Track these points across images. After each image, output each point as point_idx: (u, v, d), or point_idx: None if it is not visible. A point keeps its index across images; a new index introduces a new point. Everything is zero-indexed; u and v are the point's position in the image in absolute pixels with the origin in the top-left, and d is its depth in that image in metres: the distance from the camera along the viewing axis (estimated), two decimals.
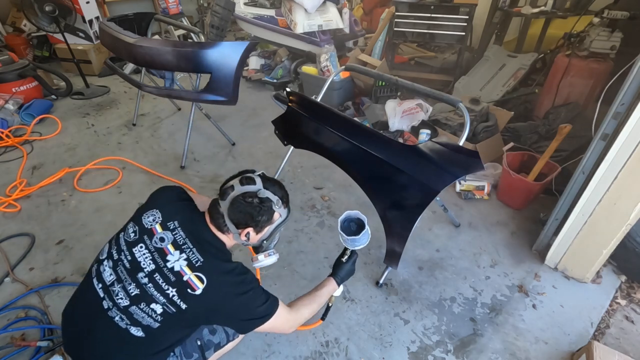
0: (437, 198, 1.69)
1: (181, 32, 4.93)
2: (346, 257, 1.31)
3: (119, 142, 3.07)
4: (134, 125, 3.33)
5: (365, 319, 1.66)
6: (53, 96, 3.69)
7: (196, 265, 0.98)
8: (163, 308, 0.96)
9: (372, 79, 3.34)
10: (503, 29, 3.79)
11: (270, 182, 1.13)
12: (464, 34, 3.41)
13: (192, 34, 3.13)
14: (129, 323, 0.97)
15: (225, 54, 2.15)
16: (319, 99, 2.20)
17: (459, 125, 2.63)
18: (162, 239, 1.01)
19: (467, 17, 3.31)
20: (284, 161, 2.41)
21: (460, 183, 2.42)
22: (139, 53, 2.22)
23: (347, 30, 3.84)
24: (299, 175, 2.64)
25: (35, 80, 3.50)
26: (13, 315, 1.65)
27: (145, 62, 2.33)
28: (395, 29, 3.61)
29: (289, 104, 1.97)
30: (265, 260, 1.20)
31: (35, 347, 1.49)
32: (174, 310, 0.96)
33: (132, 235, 1.04)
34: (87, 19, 4.19)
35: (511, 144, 2.42)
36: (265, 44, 4.48)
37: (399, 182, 1.55)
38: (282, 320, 1.10)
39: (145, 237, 1.02)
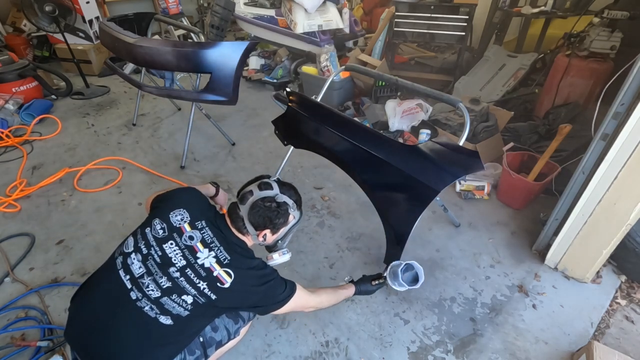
0: (437, 198, 1.69)
1: (181, 32, 4.93)
2: (377, 283, 1.45)
3: (119, 142, 3.07)
4: (134, 125, 3.33)
5: (365, 319, 1.66)
6: (53, 96, 3.69)
7: (224, 262, 1.07)
8: (194, 299, 1.04)
9: (372, 79, 3.34)
10: (503, 29, 3.79)
11: (286, 187, 1.22)
12: (464, 34, 3.41)
13: (192, 34, 3.13)
14: (158, 312, 1.03)
15: (225, 54, 2.15)
16: (319, 99, 2.20)
17: (459, 125, 2.63)
18: (191, 237, 1.08)
19: (467, 17, 3.31)
20: (284, 161, 2.41)
21: (460, 183, 2.42)
22: (139, 53, 2.22)
23: (347, 30, 3.84)
24: (299, 175, 2.65)
25: (35, 80, 3.50)
26: (13, 315, 1.65)
27: (145, 62, 2.33)
28: (395, 29, 3.61)
29: (289, 104, 1.97)
30: (279, 258, 1.32)
31: (35, 347, 1.49)
32: (204, 301, 1.04)
33: (161, 232, 1.09)
34: (87, 19, 4.19)
35: (511, 144, 2.42)
36: (265, 44, 4.48)
37: (399, 182, 1.55)
38: (302, 300, 1.22)
39: (175, 234, 1.09)
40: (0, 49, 4.11)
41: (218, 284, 1.04)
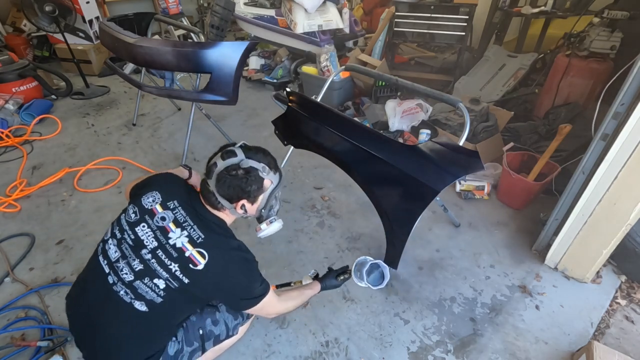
0: (437, 198, 1.68)
1: (181, 32, 4.93)
2: (342, 278, 1.42)
3: (119, 142, 3.07)
4: (134, 125, 3.33)
5: (365, 319, 1.66)
6: (53, 96, 3.69)
7: (197, 241, 1.00)
8: (166, 283, 0.99)
9: (372, 79, 3.34)
10: (503, 29, 3.79)
11: (252, 151, 1.11)
12: (464, 34, 3.41)
13: (192, 34, 3.13)
14: (133, 297, 1.00)
15: (225, 54, 2.15)
16: (319, 99, 2.20)
17: (459, 125, 2.63)
18: (163, 218, 1.04)
19: (467, 17, 3.31)
20: (284, 161, 2.41)
21: (460, 183, 2.42)
22: (139, 53, 2.22)
23: (347, 30, 3.84)
24: (299, 175, 2.64)
25: (35, 80, 3.50)
26: (13, 315, 1.65)
27: (145, 62, 2.33)
28: (395, 29, 3.61)
29: (289, 104, 1.97)
30: (268, 228, 1.23)
31: (35, 347, 1.49)
32: (177, 285, 0.99)
33: (133, 216, 1.06)
34: (87, 19, 4.19)
35: (511, 144, 2.42)
36: (265, 44, 4.48)
37: (399, 182, 1.55)
38: (271, 304, 1.15)
39: (147, 216, 1.05)
40: (0, 49, 4.12)
41: (190, 265, 0.98)
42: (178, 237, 1.01)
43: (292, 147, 2.31)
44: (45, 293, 1.76)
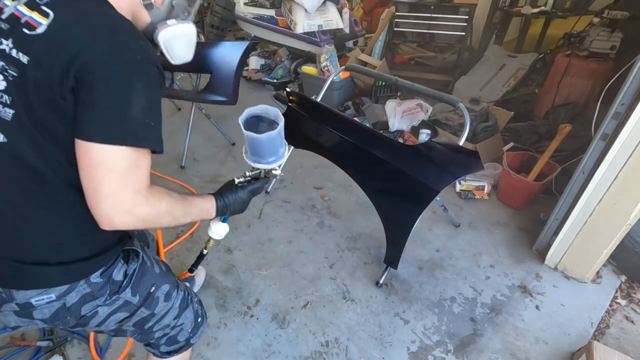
0: (437, 198, 1.69)
1: None
2: (241, 179, 1.02)
3: None
4: None
5: (365, 319, 1.66)
6: None
7: (41, 3, 0.66)
8: (3, 75, 0.66)
9: (372, 79, 3.34)
10: (503, 29, 3.79)
11: None
12: (464, 34, 3.41)
13: None
14: None
15: (225, 54, 2.16)
16: (319, 99, 2.20)
17: (459, 125, 2.63)
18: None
19: (467, 17, 3.31)
20: (284, 161, 2.40)
21: (460, 183, 2.42)
22: None
23: (347, 30, 3.84)
24: (299, 175, 2.64)
25: None
26: None
27: None
28: (395, 29, 3.61)
29: (289, 104, 1.97)
30: (176, 26, 0.87)
31: (35, 347, 1.49)
32: (16, 75, 0.65)
33: None
34: None
35: (511, 144, 2.42)
36: (265, 44, 4.48)
37: (399, 182, 1.55)
38: (139, 172, 0.67)
39: None
40: None
41: (26, 30, 0.64)
42: (11, 5, 0.68)
43: (292, 147, 2.31)
44: None
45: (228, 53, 2.16)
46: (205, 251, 1.14)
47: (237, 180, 1.00)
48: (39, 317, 0.77)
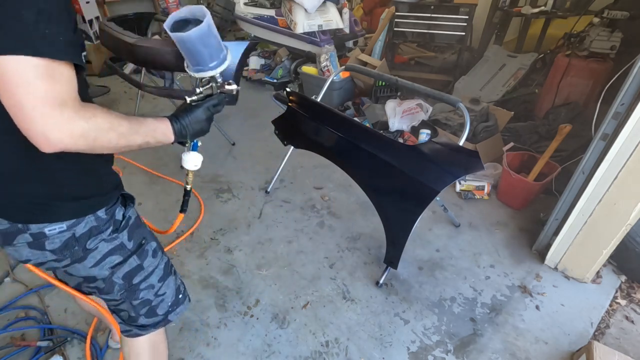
0: (437, 198, 1.69)
1: None
2: (194, 97, 0.98)
3: None
4: None
5: (365, 319, 1.66)
6: None
7: None
8: None
9: (372, 79, 3.34)
10: (503, 29, 3.79)
11: None
12: (464, 34, 3.41)
13: None
14: None
15: None
16: (319, 99, 2.20)
17: (459, 125, 2.63)
18: None
19: (467, 17, 3.31)
20: (284, 161, 2.41)
21: (460, 183, 2.42)
22: (139, 53, 2.22)
23: (347, 30, 3.84)
24: (299, 175, 2.64)
25: None
26: (13, 315, 1.65)
27: (145, 62, 2.33)
28: (395, 29, 3.61)
29: (289, 104, 1.97)
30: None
31: (35, 347, 1.50)
32: None
33: None
34: (87, 19, 4.18)
35: (511, 144, 2.42)
36: (265, 44, 4.48)
37: (399, 182, 1.55)
38: (57, 86, 0.63)
39: None
40: None
41: None
42: None
43: (292, 147, 2.32)
44: (45, 293, 1.76)
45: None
46: (188, 186, 1.13)
47: (189, 99, 0.97)
48: (50, 248, 0.83)
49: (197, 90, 0.99)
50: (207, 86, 1.01)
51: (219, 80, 1.02)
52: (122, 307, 1.01)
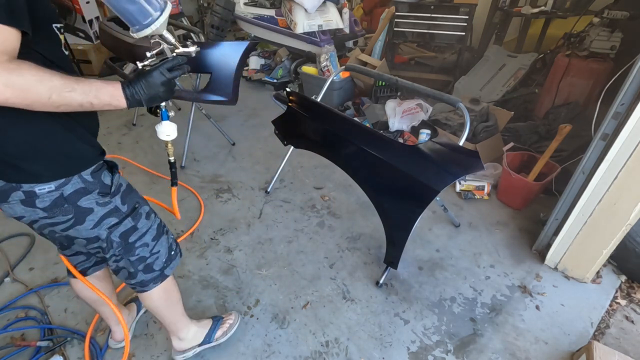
0: (437, 198, 1.69)
1: (181, 32, 4.92)
2: (145, 62, 0.95)
3: (119, 142, 3.07)
4: (134, 125, 3.33)
5: (365, 319, 1.66)
6: None
7: None
8: None
9: (372, 79, 3.34)
10: (503, 29, 3.80)
11: None
12: (464, 34, 3.41)
13: (192, 34, 3.13)
14: None
15: (225, 54, 2.15)
16: (319, 99, 2.20)
17: (459, 125, 2.63)
18: None
19: (467, 17, 3.31)
20: (284, 161, 2.41)
21: (460, 183, 2.42)
22: (139, 53, 2.22)
23: (347, 30, 3.84)
24: (299, 175, 2.64)
25: None
26: (13, 315, 1.65)
27: None
28: (395, 29, 3.61)
29: (289, 104, 1.97)
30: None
31: (35, 347, 1.50)
32: None
33: None
34: (87, 19, 4.18)
35: (511, 144, 2.42)
36: (265, 44, 4.48)
37: (399, 182, 1.55)
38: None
39: None
40: None
41: None
42: None
43: (292, 147, 2.32)
44: (45, 293, 1.76)
45: (228, 53, 2.15)
46: (171, 159, 1.19)
47: (140, 65, 0.95)
48: (41, 206, 0.91)
49: (148, 54, 0.95)
50: (159, 48, 0.95)
51: (172, 40, 0.95)
52: (122, 264, 1.12)
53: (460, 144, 1.66)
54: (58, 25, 0.88)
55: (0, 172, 0.88)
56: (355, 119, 2.59)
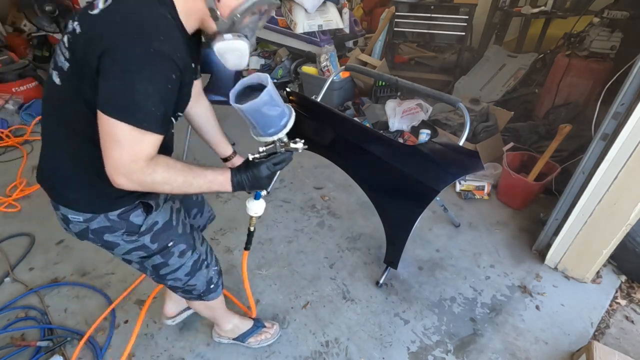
0: (437, 198, 1.69)
1: None
2: (256, 155, 0.99)
3: None
4: None
5: (365, 319, 1.66)
6: None
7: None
8: (69, 41, 0.83)
9: (372, 79, 3.34)
10: (503, 29, 3.80)
11: None
12: (463, 34, 3.41)
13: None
14: (52, 67, 0.87)
15: None
16: (319, 99, 2.20)
17: (459, 125, 2.63)
18: None
19: (467, 17, 3.31)
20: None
21: (460, 183, 2.42)
22: None
23: (347, 30, 3.84)
24: (299, 175, 2.64)
25: (35, 80, 3.50)
26: (13, 315, 1.65)
27: None
28: (395, 29, 3.61)
29: (289, 104, 1.97)
30: (233, 41, 0.92)
31: (35, 347, 1.49)
32: (72, 39, 0.82)
33: None
34: None
35: (511, 144, 2.42)
36: (265, 44, 4.48)
37: (399, 182, 1.55)
38: (138, 147, 0.79)
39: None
40: (0, 49, 4.11)
41: (89, 11, 0.81)
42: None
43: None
44: (45, 293, 1.76)
45: None
46: (251, 228, 1.21)
47: (251, 157, 1.00)
48: (72, 230, 1.00)
49: (260, 149, 1.00)
50: (271, 145, 1.03)
51: (284, 140, 1.04)
52: (157, 281, 1.17)
53: (460, 144, 1.66)
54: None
55: (50, 187, 0.98)
56: (355, 119, 2.59)
